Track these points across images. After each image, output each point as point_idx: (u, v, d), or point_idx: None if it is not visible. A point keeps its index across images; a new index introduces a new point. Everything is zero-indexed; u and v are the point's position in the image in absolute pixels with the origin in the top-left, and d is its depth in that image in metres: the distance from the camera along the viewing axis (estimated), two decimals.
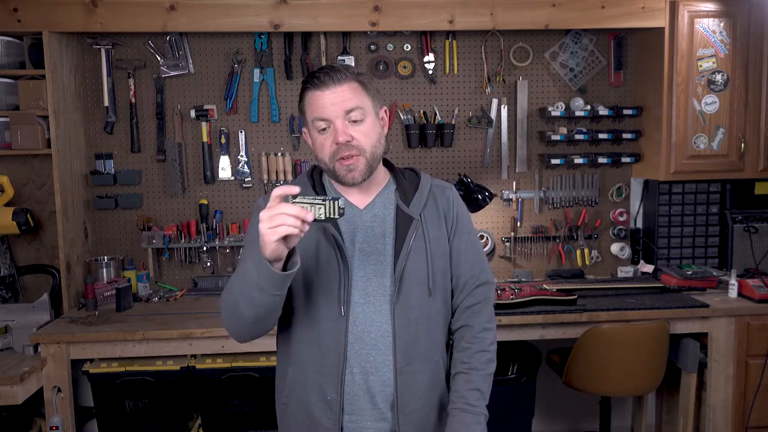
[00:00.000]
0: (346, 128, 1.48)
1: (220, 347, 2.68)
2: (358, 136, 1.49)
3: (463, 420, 1.51)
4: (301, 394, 1.57)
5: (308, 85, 1.51)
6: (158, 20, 2.84)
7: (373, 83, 1.56)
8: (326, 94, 1.48)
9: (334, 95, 1.47)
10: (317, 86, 1.48)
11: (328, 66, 1.52)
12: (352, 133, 1.48)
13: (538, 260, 3.41)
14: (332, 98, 1.47)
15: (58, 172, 2.88)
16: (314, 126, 1.51)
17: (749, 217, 3.28)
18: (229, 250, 3.25)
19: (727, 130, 3.07)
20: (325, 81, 1.48)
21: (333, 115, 1.48)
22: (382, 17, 2.91)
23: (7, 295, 3.06)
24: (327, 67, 1.51)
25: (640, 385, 2.82)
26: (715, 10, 2.99)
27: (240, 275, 1.40)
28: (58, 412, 2.64)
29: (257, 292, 1.34)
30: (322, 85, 1.48)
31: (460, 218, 1.63)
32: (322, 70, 1.51)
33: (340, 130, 1.47)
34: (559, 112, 3.25)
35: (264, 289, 1.33)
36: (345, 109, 1.47)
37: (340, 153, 1.48)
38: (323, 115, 1.48)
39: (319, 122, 1.49)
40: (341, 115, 1.47)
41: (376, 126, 1.54)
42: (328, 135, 1.49)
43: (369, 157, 1.51)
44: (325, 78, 1.48)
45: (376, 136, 1.53)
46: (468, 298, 1.62)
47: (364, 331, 1.53)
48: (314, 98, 1.49)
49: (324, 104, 1.48)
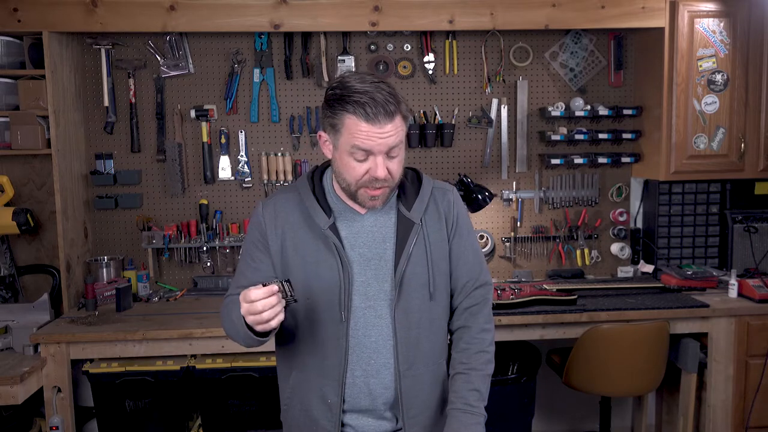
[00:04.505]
0: (385, 163, 1.46)
1: (220, 347, 2.68)
2: (393, 168, 1.48)
3: (462, 420, 1.52)
4: (303, 395, 1.59)
5: (352, 108, 1.42)
6: (158, 20, 2.84)
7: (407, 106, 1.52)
8: (375, 128, 1.42)
9: (385, 131, 1.42)
10: (368, 119, 1.41)
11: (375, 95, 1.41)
12: (389, 167, 1.47)
13: (538, 260, 3.41)
14: (381, 134, 1.42)
15: (58, 172, 2.88)
16: (350, 151, 1.45)
17: (749, 217, 3.27)
18: (229, 250, 3.25)
19: (727, 130, 3.07)
20: (378, 116, 1.41)
21: (377, 151, 1.44)
22: (382, 17, 2.91)
23: (7, 295, 3.06)
24: (377, 96, 1.41)
25: (640, 385, 2.82)
26: (715, 10, 2.99)
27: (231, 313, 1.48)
28: (58, 412, 2.64)
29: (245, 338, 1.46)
30: (373, 119, 1.41)
31: (460, 220, 1.63)
32: (370, 96, 1.41)
33: (381, 166, 1.45)
34: (559, 112, 3.25)
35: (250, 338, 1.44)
36: (390, 146, 1.45)
37: (373, 184, 1.47)
38: (368, 147, 1.43)
39: (359, 152, 1.44)
40: (384, 150, 1.45)
41: (404, 151, 1.52)
42: (364, 164, 1.46)
43: (394, 184, 1.52)
44: (378, 111, 1.40)
45: (403, 163, 1.53)
46: (467, 300, 1.63)
47: (365, 335, 1.54)
48: (359, 127, 1.42)
49: (370, 136, 1.42)
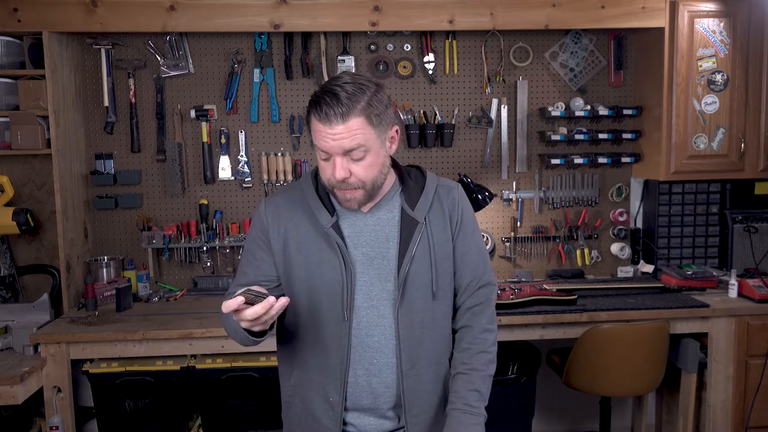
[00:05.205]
0: (345, 164, 1.43)
1: (220, 347, 2.68)
2: (358, 171, 1.44)
3: (462, 421, 1.52)
4: (305, 394, 1.59)
5: (312, 108, 1.43)
6: (158, 20, 2.84)
7: (382, 104, 1.45)
8: (327, 129, 1.40)
9: (336, 133, 1.40)
10: (321, 119, 1.40)
11: (334, 93, 1.40)
12: (352, 169, 1.43)
13: (538, 260, 3.41)
14: (333, 135, 1.40)
15: (58, 172, 2.88)
16: (317, 151, 1.46)
17: (749, 217, 3.27)
18: (229, 250, 3.25)
19: (727, 130, 3.06)
20: (329, 116, 1.39)
21: (333, 152, 1.42)
22: (382, 17, 2.91)
23: (7, 295, 3.06)
24: (332, 97, 1.39)
25: (640, 385, 2.82)
26: (715, 10, 2.99)
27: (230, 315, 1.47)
28: (58, 412, 2.64)
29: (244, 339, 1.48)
30: (325, 120, 1.40)
31: (464, 219, 1.61)
32: (326, 99, 1.40)
33: (339, 167, 1.42)
34: (559, 112, 3.24)
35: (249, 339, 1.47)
36: (345, 149, 1.41)
37: (341, 186, 1.46)
38: (323, 148, 1.43)
39: (320, 152, 1.45)
40: (339, 152, 1.42)
41: (380, 156, 1.47)
42: (329, 164, 1.45)
43: (369, 188, 1.48)
44: (329, 112, 1.39)
45: (378, 167, 1.47)
46: (470, 299, 1.62)
47: (368, 334, 1.54)
48: (317, 127, 1.42)
49: (325, 137, 1.41)
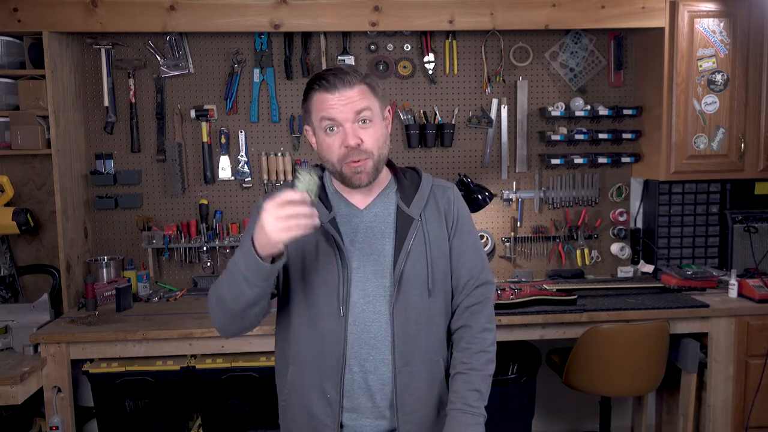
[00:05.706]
0: (355, 131, 1.48)
1: (220, 347, 2.68)
2: (367, 138, 1.49)
3: (461, 421, 1.52)
4: (302, 391, 1.58)
5: (315, 86, 1.50)
6: (158, 20, 2.84)
7: (379, 85, 1.57)
8: (335, 96, 1.47)
9: (344, 98, 1.47)
10: (326, 89, 1.48)
11: (336, 68, 1.52)
12: (362, 136, 1.48)
13: (538, 260, 3.41)
14: (343, 100, 1.47)
15: (58, 172, 2.88)
16: (321, 126, 1.50)
17: (749, 217, 3.27)
18: (229, 250, 3.25)
19: (727, 130, 3.06)
20: (335, 83, 1.47)
21: (342, 118, 1.47)
22: (382, 17, 2.91)
23: (7, 295, 3.06)
24: (335, 69, 1.51)
25: (640, 385, 2.82)
26: (715, 10, 2.99)
27: (227, 269, 1.43)
28: (58, 412, 2.64)
29: (244, 284, 1.38)
30: (332, 88, 1.47)
31: (460, 218, 1.63)
32: (330, 71, 1.50)
33: (351, 134, 1.47)
34: (559, 112, 3.24)
35: (250, 280, 1.37)
36: (355, 110, 1.48)
37: (350, 156, 1.48)
38: (332, 116, 1.47)
39: (326, 122, 1.48)
40: (351, 117, 1.48)
41: (383, 128, 1.55)
42: (336, 137, 1.49)
43: (376, 159, 1.52)
44: (335, 80, 1.47)
45: (382, 138, 1.54)
46: (468, 299, 1.62)
47: (364, 330, 1.54)
48: (322, 99, 1.48)
49: (333, 105, 1.47)
